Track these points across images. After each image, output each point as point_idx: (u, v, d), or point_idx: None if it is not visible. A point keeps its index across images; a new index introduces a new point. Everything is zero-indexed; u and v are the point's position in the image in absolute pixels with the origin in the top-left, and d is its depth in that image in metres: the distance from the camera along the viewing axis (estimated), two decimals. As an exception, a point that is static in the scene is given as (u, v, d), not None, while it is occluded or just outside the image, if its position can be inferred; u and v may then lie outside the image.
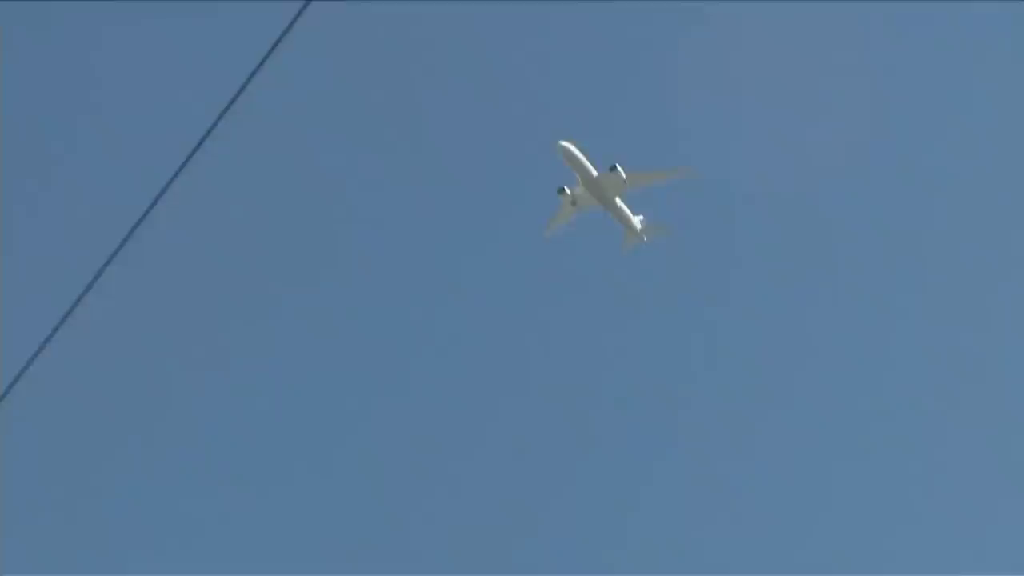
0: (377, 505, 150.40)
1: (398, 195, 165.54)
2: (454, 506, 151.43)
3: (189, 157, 34.96)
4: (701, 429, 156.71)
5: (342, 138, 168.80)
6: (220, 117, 34.83)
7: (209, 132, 34.92)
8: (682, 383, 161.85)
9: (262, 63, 34.65)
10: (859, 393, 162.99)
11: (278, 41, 34.43)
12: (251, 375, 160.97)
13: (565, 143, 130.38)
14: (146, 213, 35.57)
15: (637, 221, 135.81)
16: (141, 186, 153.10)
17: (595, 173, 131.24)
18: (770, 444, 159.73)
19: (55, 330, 37.18)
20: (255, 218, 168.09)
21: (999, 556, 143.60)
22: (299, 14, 34.68)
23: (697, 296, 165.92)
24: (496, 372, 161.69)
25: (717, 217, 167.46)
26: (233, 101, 34.95)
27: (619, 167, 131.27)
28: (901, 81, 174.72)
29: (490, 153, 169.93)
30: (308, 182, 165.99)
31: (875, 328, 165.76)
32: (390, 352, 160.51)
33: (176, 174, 35.17)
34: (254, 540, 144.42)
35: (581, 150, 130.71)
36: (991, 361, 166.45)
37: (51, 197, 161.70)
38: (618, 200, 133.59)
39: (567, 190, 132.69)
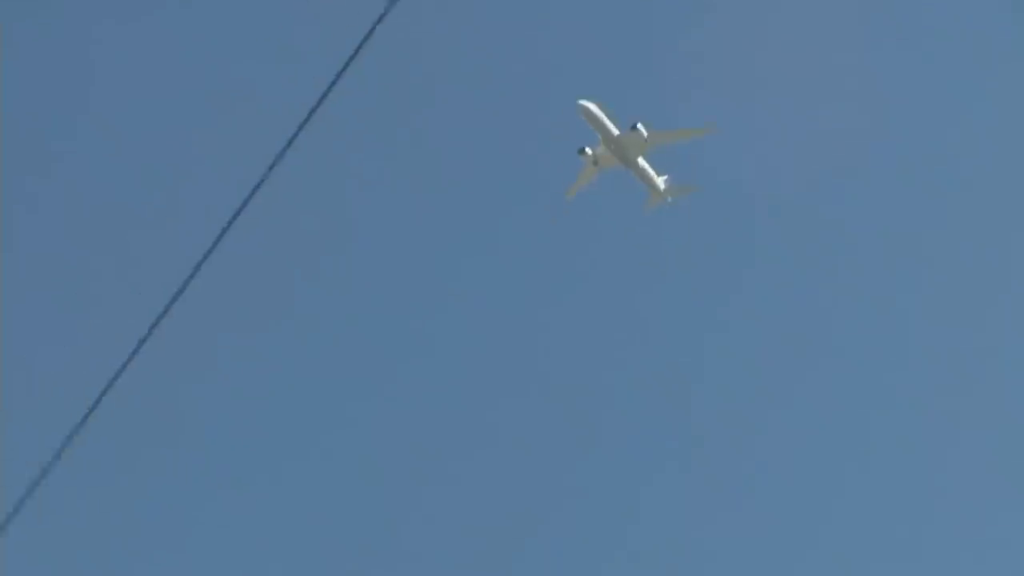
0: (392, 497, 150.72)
1: (414, 163, 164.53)
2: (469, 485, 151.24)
3: (267, 173, 33.13)
4: (708, 414, 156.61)
5: (371, 111, 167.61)
6: (299, 129, 32.74)
7: (290, 142, 33.93)
8: (694, 368, 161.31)
9: (343, 69, 32.56)
10: (881, 365, 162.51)
11: (359, 48, 32.38)
12: (271, 365, 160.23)
13: (585, 102, 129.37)
14: (227, 227, 33.02)
15: (661, 181, 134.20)
16: (141, 186, 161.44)
17: (616, 132, 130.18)
18: (775, 438, 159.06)
19: (135, 352, 34.35)
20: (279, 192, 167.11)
21: (1006, 560, 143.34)
22: (381, 18, 32.37)
23: (712, 274, 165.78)
24: (514, 339, 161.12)
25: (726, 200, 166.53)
26: (312, 113, 32.33)
27: (640, 126, 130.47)
28: (908, 68, 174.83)
29: (511, 119, 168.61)
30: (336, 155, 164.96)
31: (884, 313, 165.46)
32: (407, 323, 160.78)
33: (256, 188, 33.10)
34: (268, 543, 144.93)
35: (603, 109, 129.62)
36: (995, 358, 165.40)
37: (51, 196, 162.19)
38: (640, 159, 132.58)
39: (588, 150, 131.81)
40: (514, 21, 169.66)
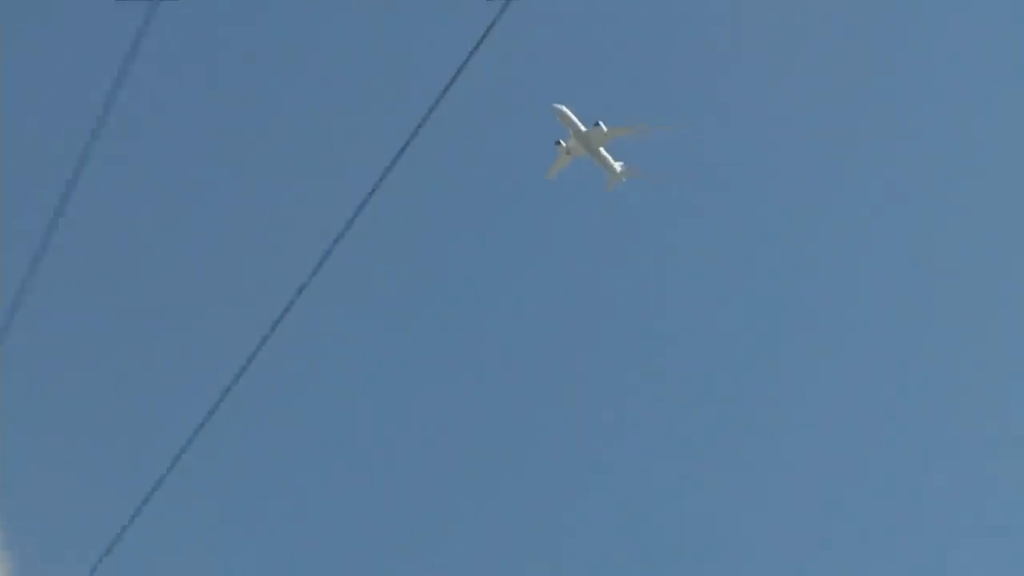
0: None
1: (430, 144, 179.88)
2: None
3: (370, 196, 37.46)
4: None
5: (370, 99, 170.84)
6: (401, 152, 37.76)
7: (396, 160, 39.04)
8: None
9: (454, 79, 37.60)
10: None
11: (470, 56, 38.58)
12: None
13: (559, 105, 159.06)
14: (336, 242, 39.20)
15: (618, 166, 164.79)
16: (141, 186, 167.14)
17: (583, 128, 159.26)
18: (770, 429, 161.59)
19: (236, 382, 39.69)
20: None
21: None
22: (494, 21, 43.00)
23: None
24: (507, 301, 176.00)
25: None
26: (413, 137, 38.23)
27: (601, 123, 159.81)
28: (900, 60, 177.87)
29: (502, 114, 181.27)
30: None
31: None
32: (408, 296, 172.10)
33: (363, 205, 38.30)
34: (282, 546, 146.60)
35: (572, 111, 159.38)
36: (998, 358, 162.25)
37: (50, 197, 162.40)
38: (602, 149, 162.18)
39: (562, 142, 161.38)
40: (508, 41, 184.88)
